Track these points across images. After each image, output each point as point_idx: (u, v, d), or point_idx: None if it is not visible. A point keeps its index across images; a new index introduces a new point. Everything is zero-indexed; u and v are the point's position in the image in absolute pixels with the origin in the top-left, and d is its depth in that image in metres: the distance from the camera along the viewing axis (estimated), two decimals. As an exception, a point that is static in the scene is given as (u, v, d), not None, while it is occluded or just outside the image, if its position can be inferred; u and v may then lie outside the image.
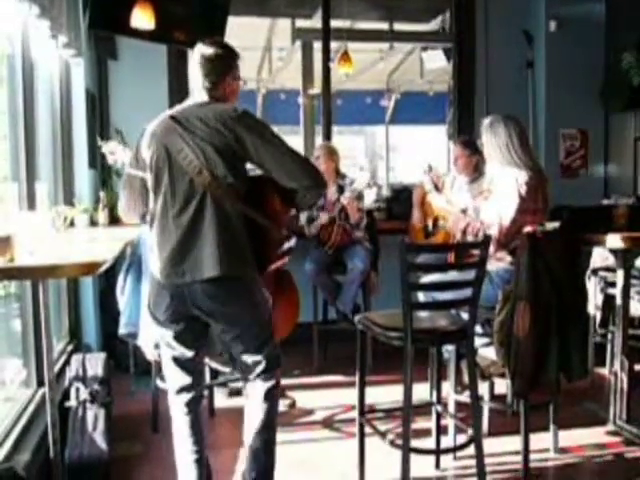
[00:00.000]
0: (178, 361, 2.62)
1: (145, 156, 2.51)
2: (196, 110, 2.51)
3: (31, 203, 3.26)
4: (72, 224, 4.07)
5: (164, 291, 2.51)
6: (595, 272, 4.31)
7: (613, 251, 3.62)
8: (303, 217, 4.75)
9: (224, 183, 2.43)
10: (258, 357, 2.58)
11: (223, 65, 2.58)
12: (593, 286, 4.31)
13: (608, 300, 4.24)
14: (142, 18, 4.21)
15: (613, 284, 3.85)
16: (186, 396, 2.64)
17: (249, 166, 2.55)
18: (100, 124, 5.00)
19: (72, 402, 3.20)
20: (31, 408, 3.11)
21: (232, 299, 2.50)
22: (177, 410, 2.66)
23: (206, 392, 3.50)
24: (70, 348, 4.16)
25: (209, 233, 2.42)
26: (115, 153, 3.31)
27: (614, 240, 3.34)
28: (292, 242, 2.77)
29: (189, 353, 2.61)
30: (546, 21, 5.70)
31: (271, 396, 2.62)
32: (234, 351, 2.62)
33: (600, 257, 4.31)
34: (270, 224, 2.55)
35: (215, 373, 3.80)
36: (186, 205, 2.44)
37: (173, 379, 2.66)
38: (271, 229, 2.56)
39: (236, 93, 2.66)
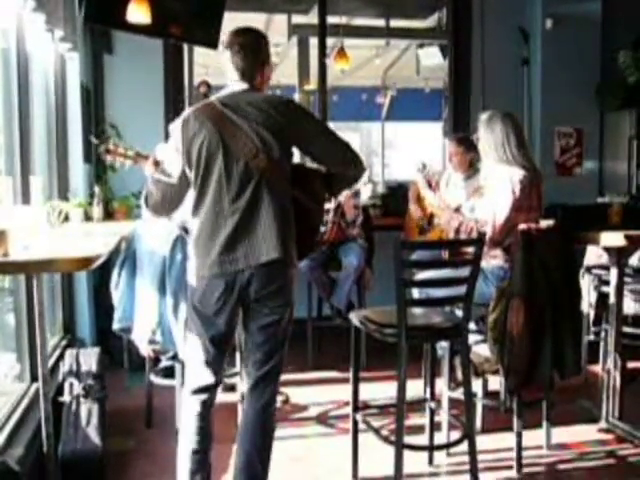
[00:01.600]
0: (208, 363, 2.55)
1: (192, 145, 2.45)
2: (244, 96, 2.49)
3: (25, 197, 3.25)
4: (67, 219, 4.06)
5: (216, 283, 2.45)
6: (589, 270, 4.32)
7: (607, 249, 3.63)
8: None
9: (279, 166, 2.44)
10: (269, 356, 2.55)
11: (262, 52, 2.57)
12: (587, 284, 4.32)
13: (602, 298, 4.26)
14: (138, 12, 4.20)
15: (607, 282, 3.86)
16: (204, 396, 2.57)
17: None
18: (95, 118, 4.98)
19: (66, 397, 3.20)
20: (24, 403, 3.10)
21: (284, 284, 2.50)
22: (191, 408, 2.57)
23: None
24: (64, 343, 4.15)
25: (267, 217, 2.41)
26: (112, 152, 3.16)
27: (608, 238, 3.35)
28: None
29: (219, 357, 2.56)
30: (542, 19, 5.70)
31: (271, 404, 2.59)
32: (254, 341, 2.56)
33: (594, 255, 4.31)
34: (317, 208, 2.57)
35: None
36: (242, 189, 2.42)
37: (196, 378, 2.58)
38: (316, 214, 2.59)
39: (269, 80, 2.65)
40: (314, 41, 6.10)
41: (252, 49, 2.54)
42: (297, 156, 2.60)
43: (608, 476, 3.16)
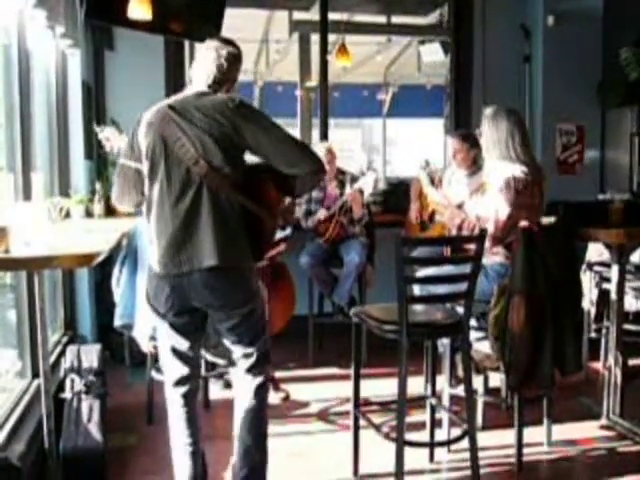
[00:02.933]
0: (177, 352, 2.62)
1: (141, 145, 2.50)
2: (194, 100, 2.50)
3: (27, 194, 3.25)
4: (68, 215, 4.06)
5: (163, 283, 2.50)
6: (590, 267, 4.32)
7: (608, 246, 3.63)
8: (300, 210, 4.76)
9: (221, 173, 2.43)
10: (250, 349, 2.60)
11: (234, 69, 2.61)
12: (588, 281, 4.32)
13: (603, 295, 4.26)
14: (139, 9, 4.19)
15: (608, 279, 3.86)
16: (183, 388, 2.64)
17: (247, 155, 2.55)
18: (96, 115, 4.98)
19: (67, 393, 3.20)
20: (26, 399, 3.10)
21: (230, 289, 2.50)
22: (174, 402, 2.66)
23: (201, 384, 3.51)
24: (65, 339, 4.15)
25: (206, 223, 2.42)
26: (110, 140, 3.27)
27: (609, 235, 3.35)
28: (287, 231, 2.77)
29: (187, 344, 2.61)
30: (544, 16, 5.70)
31: (261, 392, 2.63)
32: (228, 341, 2.64)
33: (595, 252, 4.32)
34: (266, 214, 2.55)
35: (211, 365, 3.80)
36: (183, 194, 2.44)
37: (171, 370, 2.66)
38: (266, 219, 2.56)
39: (234, 88, 2.66)
40: (315, 38, 6.09)
41: (228, 64, 2.57)
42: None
43: (609, 473, 3.16)
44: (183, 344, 2.61)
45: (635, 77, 5.52)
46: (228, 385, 4.12)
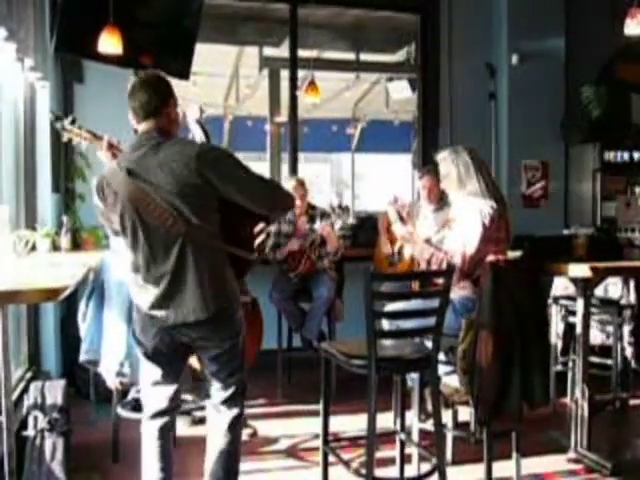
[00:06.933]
0: (156, 386, 2.63)
1: (112, 216, 2.52)
2: (152, 157, 2.43)
3: (-8, 227, 3.20)
4: (34, 248, 4.00)
5: (151, 322, 2.53)
6: (556, 301, 4.38)
7: (573, 280, 3.68)
8: (269, 244, 4.75)
9: (200, 228, 2.43)
10: (230, 380, 2.61)
11: (163, 88, 2.58)
12: (554, 314, 4.37)
13: (569, 328, 4.31)
14: (109, 43, 4.19)
15: (574, 312, 3.91)
16: (160, 421, 2.63)
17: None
18: (65, 148, 4.94)
19: (30, 431, 3.12)
20: (-13, 437, 3.02)
21: (216, 332, 2.54)
22: (149, 435, 2.64)
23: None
24: (29, 375, 4.07)
25: (192, 278, 2.43)
26: (72, 132, 3.15)
27: (574, 269, 3.40)
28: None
29: (168, 378, 2.63)
30: (508, 54, 5.84)
31: (235, 425, 2.64)
32: (207, 370, 2.65)
33: (561, 286, 4.37)
34: (247, 254, 2.59)
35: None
36: (167, 254, 2.44)
37: (150, 403, 2.66)
38: (247, 254, 2.61)
39: (178, 122, 2.64)
40: (285, 73, 6.15)
41: (155, 85, 2.58)
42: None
43: (577, 507, 3.17)
44: (165, 378, 2.62)
45: (596, 115, 5.67)
46: (195, 422, 4.06)
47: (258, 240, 2.72)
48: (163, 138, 2.48)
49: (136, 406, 3.63)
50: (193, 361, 3.16)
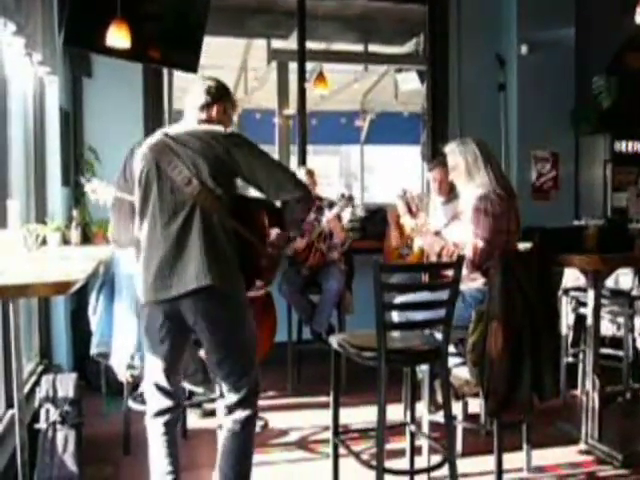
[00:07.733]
0: (159, 386, 2.63)
1: (135, 172, 2.55)
2: (187, 128, 2.59)
3: (2, 221, 3.22)
4: (44, 242, 4.02)
5: (157, 312, 2.52)
6: (567, 292, 4.36)
7: (584, 271, 3.67)
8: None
9: (213, 194, 2.46)
10: (241, 383, 2.58)
11: (219, 91, 2.68)
12: (565, 306, 4.35)
13: (579, 320, 4.29)
14: (117, 36, 4.20)
15: (584, 304, 3.89)
16: (165, 417, 2.64)
17: (239, 182, 2.60)
18: (74, 142, 4.96)
19: (42, 424, 3.14)
20: (-1, 430, 3.05)
21: (221, 315, 2.51)
22: (155, 431, 2.65)
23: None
24: (40, 369, 4.09)
25: (196, 244, 2.44)
26: (97, 192, 3.23)
27: (585, 261, 3.39)
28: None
29: (172, 378, 2.63)
30: (518, 45, 5.80)
31: (249, 425, 2.62)
32: (218, 374, 2.63)
33: (572, 277, 4.36)
34: (257, 240, 2.59)
35: (189, 394, 3.77)
36: (175, 216, 2.47)
37: (154, 401, 2.66)
38: (258, 245, 2.60)
39: (228, 119, 2.72)
40: (293, 66, 6.13)
41: (212, 87, 2.67)
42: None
43: (588, 498, 3.17)
44: (167, 377, 2.62)
45: (607, 105, 5.63)
46: (206, 414, 4.08)
47: (272, 235, 2.73)
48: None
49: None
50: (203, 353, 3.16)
